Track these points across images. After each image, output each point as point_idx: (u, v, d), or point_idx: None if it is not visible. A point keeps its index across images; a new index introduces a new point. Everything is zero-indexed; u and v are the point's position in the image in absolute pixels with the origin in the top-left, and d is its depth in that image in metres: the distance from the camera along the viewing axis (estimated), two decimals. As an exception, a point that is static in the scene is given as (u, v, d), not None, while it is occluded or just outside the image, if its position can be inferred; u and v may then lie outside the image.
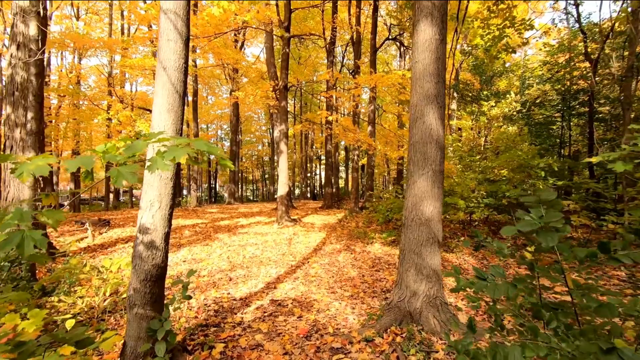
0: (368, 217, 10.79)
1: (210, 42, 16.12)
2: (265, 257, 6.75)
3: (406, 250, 3.49)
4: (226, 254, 6.95)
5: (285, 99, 10.28)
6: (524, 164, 6.79)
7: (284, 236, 8.74)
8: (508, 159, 6.86)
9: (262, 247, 7.65)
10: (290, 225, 10.10)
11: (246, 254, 7.00)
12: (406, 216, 3.54)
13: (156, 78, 2.76)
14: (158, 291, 2.64)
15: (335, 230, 9.54)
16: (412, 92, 3.62)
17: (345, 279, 5.19)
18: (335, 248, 7.40)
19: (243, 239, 8.44)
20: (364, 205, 13.49)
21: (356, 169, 12.91)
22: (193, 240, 8.33)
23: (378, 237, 8.26)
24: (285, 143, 10.28)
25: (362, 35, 13.33)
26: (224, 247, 7.60)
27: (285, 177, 10.26)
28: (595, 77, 10.00)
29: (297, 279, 5.24)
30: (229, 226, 10.41)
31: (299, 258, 6.62)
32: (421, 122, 3.48)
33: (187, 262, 6.34)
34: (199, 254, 6.98)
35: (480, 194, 7.14)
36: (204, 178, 37.67)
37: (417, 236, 3.41)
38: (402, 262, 3.55)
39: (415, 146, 3.51)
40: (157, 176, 2.59)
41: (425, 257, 3.38)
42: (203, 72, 26.84)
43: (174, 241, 8.14)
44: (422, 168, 3.44)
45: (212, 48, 16.14)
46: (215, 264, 6.12)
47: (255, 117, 34.31)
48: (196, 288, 4.74)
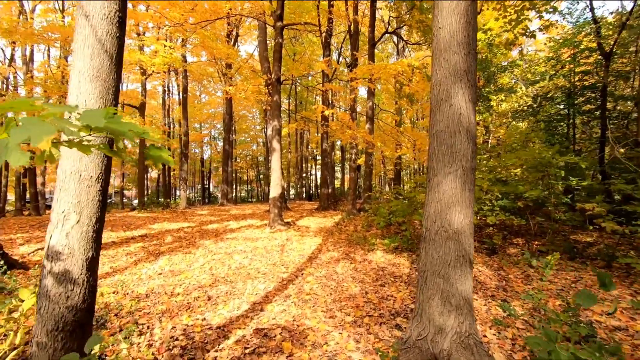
0: (367, 220, 9.96)
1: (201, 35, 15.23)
2: (253, 267, 5.88)
3: (428, 272, 2.65)
4: (210, 264, 6.07)
5: (278, 93, 9.42)
6: (543, 162, 6.00)
7: (276, 242, 7.88)
8: (524, 156, 6.08)
9: (251, 255, 6.78)
10: (284, 229, 9.24)
11: (232, 264, 6.13)
12: (428, 227, 2.70)
13: (75, 31, 1.88)
14: (77, 345, 1.77)
15: (332, 234, 8.70)
16: (434, 69, 2.79)
17: (345, 297, 4.35)
18: (332, 256, 6.55)
19: (230, 246, 7.56)
20: (362, 207, 12.67)
21: (354, 168, 12.08)
22: (175, 247, 7.44)
23: (379, 243, 7.44)
24: (278, 140, 9.42)
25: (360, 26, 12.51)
26: (208, 256, 6.72)
27: (278, 177, 9.40)
28: (608, 70, 9.28)
29: (289, 297, 4.38)
30: (217, 231, 9.51)
31: (291, 269, 5.77)
32: (447, 105, 2.65)
33: (163, 274, 5.46)
34: (179, 264, 6.09)
35: (493, 196, 6.35)
36: (197, 178, 36.62)
37: (442, 254, 2.58)
38: (422, 287, 2.71)
39: (439, 137, 2.68)
40: (72, 175, 1.72)
41: (454, 282, 2.54)
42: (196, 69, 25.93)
43: (153, 249, 7.25)
44: (449, 165, 2.61)
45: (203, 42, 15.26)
46: (194, 278, 5.24)
47: (250, 117, 33.39)
48: (165, 312, 3.86)
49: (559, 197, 6.27)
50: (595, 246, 6.69)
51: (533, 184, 6.18)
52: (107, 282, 5.02)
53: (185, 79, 16.71)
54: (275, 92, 9.44)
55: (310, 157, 33.39)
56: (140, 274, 5.46)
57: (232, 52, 14.55)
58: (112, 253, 6.82)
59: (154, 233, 8.97)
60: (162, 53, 13.61)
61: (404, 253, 6.59)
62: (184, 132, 16.80)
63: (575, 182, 5.79)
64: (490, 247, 6.61)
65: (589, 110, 12.13)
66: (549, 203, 6.40)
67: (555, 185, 6.26)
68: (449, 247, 2.57)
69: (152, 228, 9.78)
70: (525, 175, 6.69)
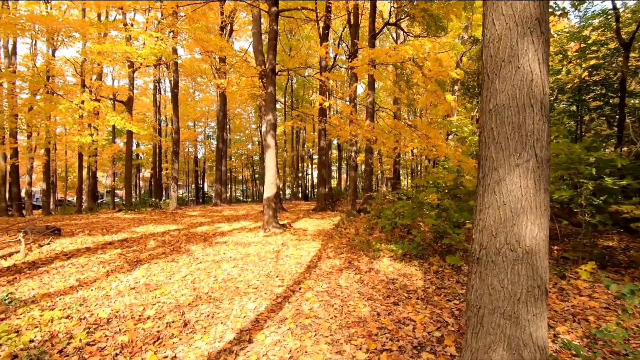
0: (369, 222, 9.14)
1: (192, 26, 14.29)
2: (243, 279, 5.03)
3: (485, 310, 1.82)
4: (193, 275, 5.20)
5: (273, 85, 8.56)
6: (573, 158, 5.22)
7: (271, 247, 7.02)
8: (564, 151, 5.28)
9: (241, 263, 5.92)
10: (279, 232, 8.39)
11: (219, 274, 5.27)
12: (484, 244, 1.87)
13: None
14: None
15: (332, 238, 7.87)
16: (489, 20, 1.96)
17: (353, 321, 3.51)
18: (334, 265, 5.71)
19: (219, 252, 6.69)
20: (362, 208, 11.85)
21: (354, 166, 11.26)
22: (157, 254, 6.55)
23: (385, 248, 6.62)
24: (272, 136, 8.56)
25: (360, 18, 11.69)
26: (193, 264, 5.85)
27: (273, 175, 8.54)
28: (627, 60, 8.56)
29: (284, 321, 3.54)
30: (207, 234, 8.63)
31: (287, 281, 4.92)
32: (511, 68, 1.83)
33: (136, 289, 4.58)
34: (157, 276, 5.22)
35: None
36: (191, 177, 35.56)
37: (509, 283, 1.75)
38: (475, 330, 1.88)
39: (500, 114, 1.85)
40: None
41: (525, 325, 1.72)
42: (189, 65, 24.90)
43: (132, 256, 6.35)
44: (516, 153, 1.78)
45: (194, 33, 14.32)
46: (172, 294, 4.37)
47: (245, 115, 32.45)
48: (126, 346, 2.99)
49: (588, 197, 5.49)
50: (627, 252, 5.94)
51: (558, 184, 5.40)
52: (66, 300, 4.13)
53: (176, 73, 15.75)
54: (270, 83, 8.58)
55: (307, 156, 32.52)
56: (109, 289, 4.58)
57: (225, 45, 13.64)
58: (82, 262, 5.92)
59: (136, 237, 8.06)
60: (150, 44, 12.69)
61: (414, 261, 5.78)
62: (174, 130, 15.85)
63: (612, 182, 5.01)
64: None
65: (599, 106, 11.45)
66: (574, 204, 5.63)
67: (586, 185, 5.47)
68: (518, 274, 1.74)
69: (135, 231, 8.86)
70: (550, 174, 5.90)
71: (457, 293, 4.33)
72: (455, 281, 4.82)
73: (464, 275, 5.05)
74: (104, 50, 12.29)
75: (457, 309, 3.83)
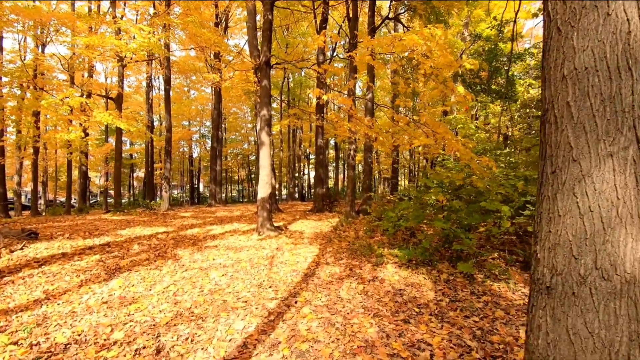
0: (369, 224, 8.59)
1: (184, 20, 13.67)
2: (232, 290, 4.44)
3: (563, 364, 1.26)
4: (177, 286, 4.61)
5: (267, 78, 7.99)
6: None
7: (264, 252, 6.43)
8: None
9: (232, 271, 5.33)
10: (274, 235, 7.80)
11: (206, 285, 4.68)
12: (557, 266, 1.31)
13: None
14: None
15: (330, 242, 7.30)
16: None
17: (359, 345, 2.94)
18: (334, 273, 5.14)
19: (208, 258, 6.10)
20: (361, 209, 11.29)
21: (352, 166, 10.71)
22: (140, 260, 5.94)
23: (388, 253, 6.06)
24: (267, 133, 7.98)
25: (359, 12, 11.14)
26: (178, 273, 5.25)
27: (268, 174, 7.95)
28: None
29: (277, 346, 2.96)
30: (197, 237, 8.02)
31: (282, 293, 4.34)
32: (597, 15, 1.27)
33: (109, 303, 3.97)
34: (137, 286, 4.62)
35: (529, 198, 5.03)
36: (186, 177, 34.83)
37: (601, 327, 1.19)
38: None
39: (580, 82, 1.29)
40: None
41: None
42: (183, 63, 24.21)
43: (111, 263, 5.74)
44: (608, 137, 1.23)
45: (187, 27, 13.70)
46: (150, 310, 3.78)
47: (241, 114, 31.79)
48: (79, 384, 2.40)
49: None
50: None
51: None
52: (24, 318, 3.52)
53: (168, 69, 15.10)
54: (265, 76, 8.00)
55: (303, 156, 31.94)
56: (77, 304, 3.97)
57: (218, 39, 13.03)
58: (55, 270, 5.29)
59: (120, 241, 7.43)
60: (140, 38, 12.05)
61: (421, 268, 5.22)
62: (166, 127, 15.19)
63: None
64: (523, 260, 5.30)
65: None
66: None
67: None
68: (616, 314, 1.18)
69: (120, 234, 8.23)
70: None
71: (474, 307, 3.78)
72: (470, 292, 4.27)
73: (478, 285, 4.51)
74: (92, 43, 11.63)
75: (477, 328, 3.28)
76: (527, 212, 4.73)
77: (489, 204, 4.99)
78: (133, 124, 12.12)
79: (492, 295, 4.16)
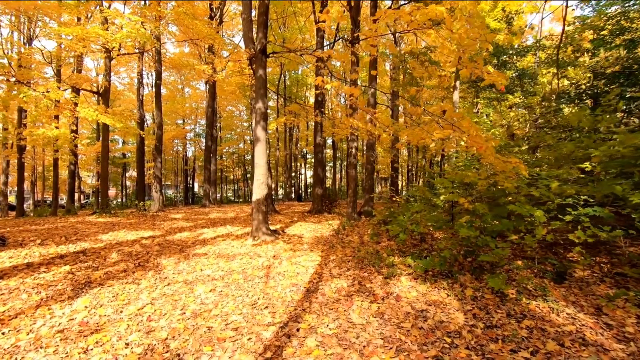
0: (374, 228, 7.83)
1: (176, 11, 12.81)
2: (220, 312, 3.65)
3: None
4: (153, 307, 3.80)
5: (263, 67, 7.20)
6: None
7: (260, 261, 5.64)
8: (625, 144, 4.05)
9: (221, 285, 4.53)
10: (270, 240, 7.01)
11: (189, 304, 3.88)
12: None
13: None
14: None
15: (333, 248, 6.52)
16: None
17: (385, 400, 2.17)
18: (340, 288, 4.37)
19: (196, 268, 5.29)
20: (363, 210, 10.54)
21: (354, 164, 9.94)
22: (116, 271, 5.11)
23: (399, 262, 5.31)
24: (263, 127, 7.18)
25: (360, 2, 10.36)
26: (158, 288, 4.44)
27: (263, 174, 7.16)
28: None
29: (276, 402, 2.18)
30: (185, 243, 7.20)
31: (280, 315, 3.56)
32: None
33: (65, 332, 3.16)
34: (106, 307, 3.80)
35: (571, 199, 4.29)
36: (180, 177, 33.82)
37: None
38: None
39: None
40: None
41: None
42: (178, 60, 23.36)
43: (82, 275, 4.91)
44: None
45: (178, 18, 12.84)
46: (114, 343, 2.97)
47: (237, 113, 30.89)
48: None
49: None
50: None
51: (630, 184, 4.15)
52: (-51, 357, 2.70)
53: (159, 63, 14.21)
54: (261, 66, 7.21)
55: (300, 155, 31.12)
56: (26, 333, 3.15)
57: (211, 31, 12.19)
58: (13, 284, 4.45)
59: (98, 248, 6.59)
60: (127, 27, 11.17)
61: (441, 281, 4.47)
62: (157, 124, 14.31)
63: None
64: (557, 270, 4.56)
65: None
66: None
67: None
68: None
69: (100, 240, 7.38)
70: (613, 170, 4.64)
71: (518, 336, 3.03)
72: (506, 314, 3.53)
73: (512, 304, 3.76)
74: (75, 34, 10.72)
75: (531, 369, 2.53)
76: (568, 217, 3.99)
77: (518, 208, 4.26)
78: (120, 120, 11.23)
79: (533, 318, 3.42)
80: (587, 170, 4.97)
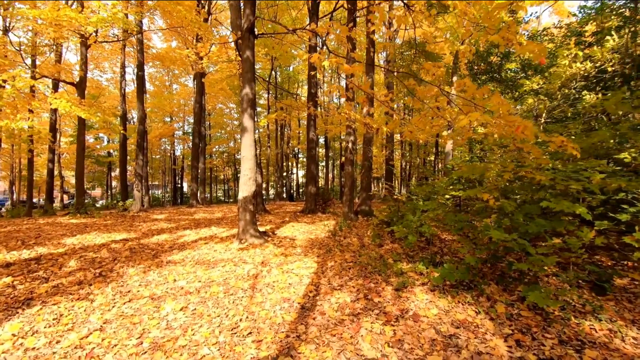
0: (375, 229, 7.01)
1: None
2: (189, 342, 2.75)
3: None
4: (102, 335, 2.89)
5: (250, 49, 6.31)
6: None
7: (245, 269, 4.74)
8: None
9: (196, 301, 3.63)
10: (258, 243, 6.11)
11: (151, 329, 2.97)
12: None
13: None
14: None
15: (330, 252, 5.66)
16: None
17: None
18: (343, 304, 3.51)
19: (168, 279, 4.37)
20: (361, 210, 9.71)
21: (351, 160, 9.10)
22: (69, 283, 4.15)
23: (408, 268, 4.49)
24: (250, 115, 6.29)
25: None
26: (116, 306, 3.51)
27: (251, 168, 6.26)
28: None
29: None
30: (161, 247, 6.24)
31: (268, 346, 2.68)
32: None
33: (-33, 378, 2.22)
34: (40, 334, 2.87)
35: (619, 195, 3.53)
36: (169, 176, 32.51)
37: None
38: None
39: None
40: None
41: None
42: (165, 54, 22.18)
43: (24, 289, 3.94)
44: None
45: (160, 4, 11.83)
46: (27, 397, 2.06)
47: (227, 111, 29.79)
48: None
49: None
50: None
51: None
52: None
53: (141, 53, 13.13)
54: (247, 46, 6.32)
55: (291, 154, 30.17)
56: None
57: (195, 18, 11.21)
58: None
59: (57, 254, 5.59)
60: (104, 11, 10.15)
61: (464, 293, 3.65)
62: (139, 119, 13.23)
63: None
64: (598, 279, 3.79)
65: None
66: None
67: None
68: None
69: (63, 244, 6.37)
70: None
71: (588, 376, 2.23)
72: (558, 340, 2.72)
73: (560, 324, 2.97)
74: (45, 17, 9.62)
75: None
76: (624, 215, 3.22)
77: (556, 204, 3.47)
78: (96, 113, 10.17)
79: (594, 346, 2.62)
80: (626, 162, 4.23)
